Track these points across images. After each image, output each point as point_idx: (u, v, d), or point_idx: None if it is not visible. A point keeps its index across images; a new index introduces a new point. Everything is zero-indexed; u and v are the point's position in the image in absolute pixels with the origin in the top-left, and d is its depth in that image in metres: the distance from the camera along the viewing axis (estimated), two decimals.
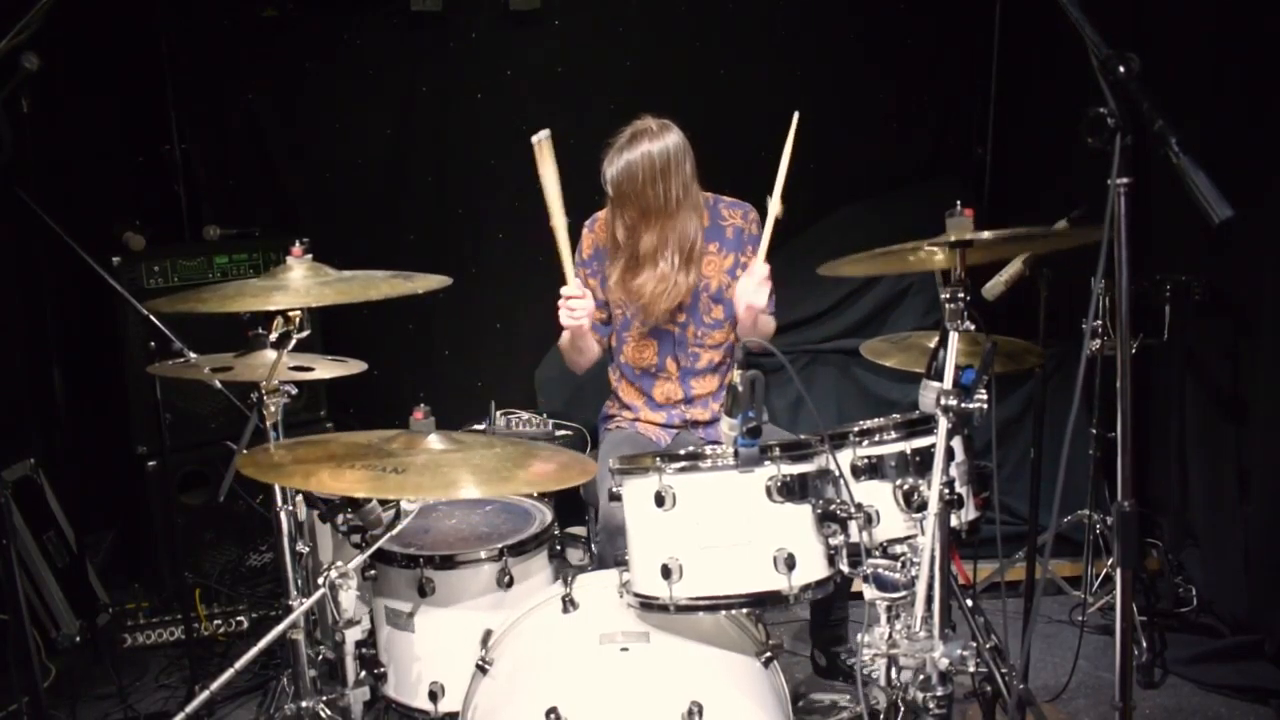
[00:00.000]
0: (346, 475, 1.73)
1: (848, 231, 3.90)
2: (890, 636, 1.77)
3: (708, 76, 4.02)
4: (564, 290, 2.51)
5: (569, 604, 1.97)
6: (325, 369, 2.21)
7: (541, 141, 2.39)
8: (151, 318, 2.32)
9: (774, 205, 2.44)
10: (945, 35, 4.17)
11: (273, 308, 1.85)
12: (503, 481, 1.85)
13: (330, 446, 1.89)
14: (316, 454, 1.84)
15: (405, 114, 3.94)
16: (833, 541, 1.81)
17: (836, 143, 4.15)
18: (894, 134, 4.22)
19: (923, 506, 1.77)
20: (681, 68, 4.00)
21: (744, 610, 1.95)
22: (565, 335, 2.66)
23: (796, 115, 2.42)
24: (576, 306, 2.51)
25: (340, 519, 1.99)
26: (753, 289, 2.49)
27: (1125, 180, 1.29)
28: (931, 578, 1.70)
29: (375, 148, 3.95)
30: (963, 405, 1.68)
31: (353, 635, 2.08)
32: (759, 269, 2.49)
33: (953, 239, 1.70)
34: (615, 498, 1.91)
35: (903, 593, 1.76)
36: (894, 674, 1.77)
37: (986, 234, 1.71)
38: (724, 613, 1.93)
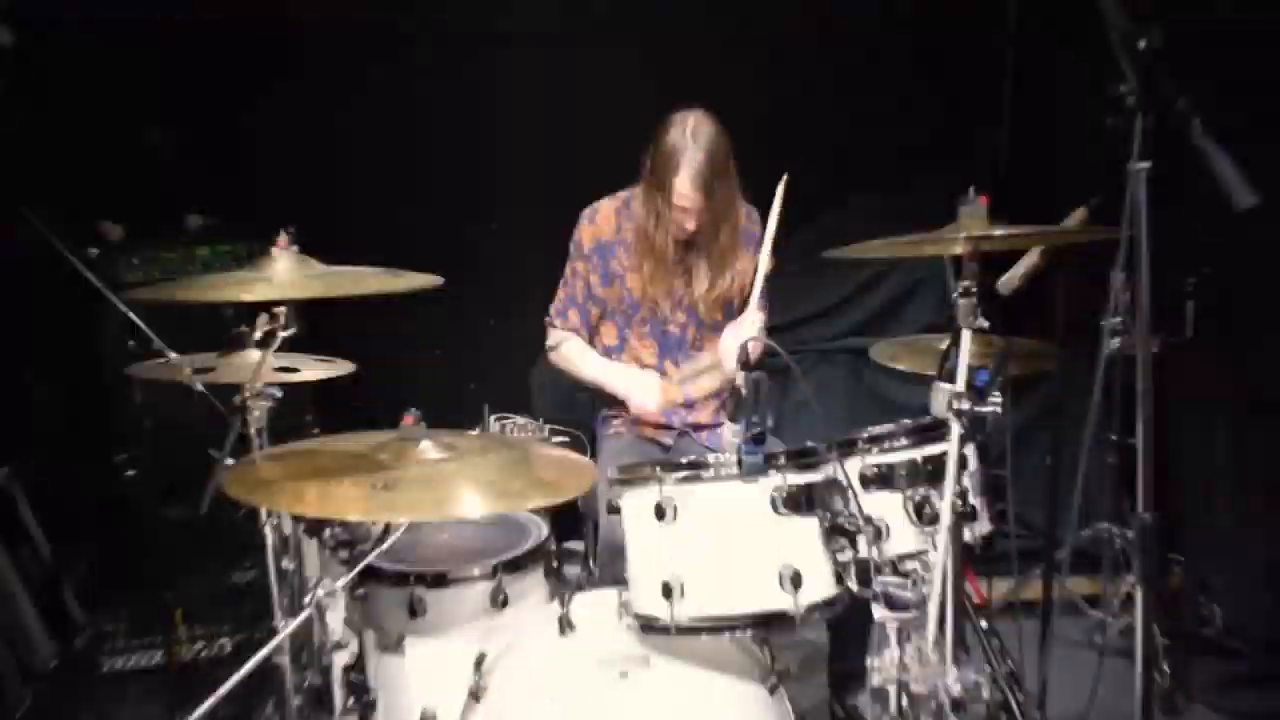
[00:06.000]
0: (336, 496, 1.64)
1: (859, 222, 3.80)
2: (900, 660, 1.68)
3: (708, 74, 3.96)
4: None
5: (566, 626, 1.89)
6: (312, 370, 2.15)
7: None
8: (129, 313, 2.24)
9: (765, 260, 2.38)
10: (957, 19, 4.10)
11: (256, 298, 1.78)
12: (506, 496, 1.76)
13: (317, 460, 1.82)
14: (304, 470, 1.76)
15: (402, 114, 3.90)
16: (841, 558, 1.72)
17: (845, 131, 4.08)
18: (905, 120, 4.13)
19: (934, 520, 1.68)
20: (681, 64, 3.94)
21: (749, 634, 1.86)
22: (568, 357, 2.71)
23: (785, 177, 2.41)
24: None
25: (327, 533, 1.92)
26: (740, 338, 2.31)
27: (1146, 164, 1.21)
28: (944, 597, 1.62)
29: (371, 147, 3.90)
30: (976, 409, 1.60)
31: (340, 659, 2.01)
32: (753, 320, 2.41)
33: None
34: (614, 510, 1.84)
35: (913, 612, 1.67)
36: (904, 701, 1.68)
37: (998, 231, 1.64)
38: (728, 636, 1.84)
